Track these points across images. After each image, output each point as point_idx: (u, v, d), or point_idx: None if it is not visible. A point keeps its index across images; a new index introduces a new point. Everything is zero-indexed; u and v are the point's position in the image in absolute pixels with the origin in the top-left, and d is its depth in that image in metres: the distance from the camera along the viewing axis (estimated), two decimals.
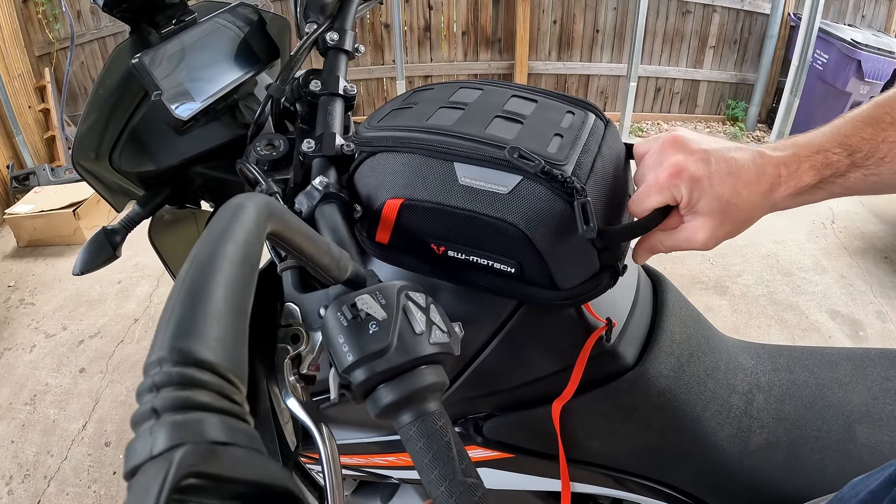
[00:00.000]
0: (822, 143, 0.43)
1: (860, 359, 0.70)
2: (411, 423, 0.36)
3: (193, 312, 0.22)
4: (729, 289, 2.16)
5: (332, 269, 0.37)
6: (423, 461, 0.36)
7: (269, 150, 0.58)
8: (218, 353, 0.22)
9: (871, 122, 0.42)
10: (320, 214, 0.47)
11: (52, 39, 3.13)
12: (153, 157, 0.68)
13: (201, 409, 0.20)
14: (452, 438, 0.37)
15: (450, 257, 0.47)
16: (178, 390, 0.20)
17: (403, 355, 0.36)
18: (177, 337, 0.21)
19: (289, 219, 0.31)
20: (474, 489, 0.35)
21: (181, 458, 0.18)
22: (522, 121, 0.48)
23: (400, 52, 3.30)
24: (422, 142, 0.46)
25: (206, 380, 0.21)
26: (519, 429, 0.60)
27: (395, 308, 0.37)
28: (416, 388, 0.36)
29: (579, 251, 0.45)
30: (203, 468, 0.18)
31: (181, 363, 0.21)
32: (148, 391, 0.20)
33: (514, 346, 0.54)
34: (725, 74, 3.65)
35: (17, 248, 2.56)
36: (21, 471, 1.57)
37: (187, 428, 0.19)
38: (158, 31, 0.62)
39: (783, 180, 0.42)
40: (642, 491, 0.63)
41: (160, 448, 0.18)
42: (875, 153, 0.41)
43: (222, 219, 0.27)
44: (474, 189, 0.44)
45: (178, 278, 0.24)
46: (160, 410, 0.20)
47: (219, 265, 0.24)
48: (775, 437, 0.60)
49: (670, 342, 0.59)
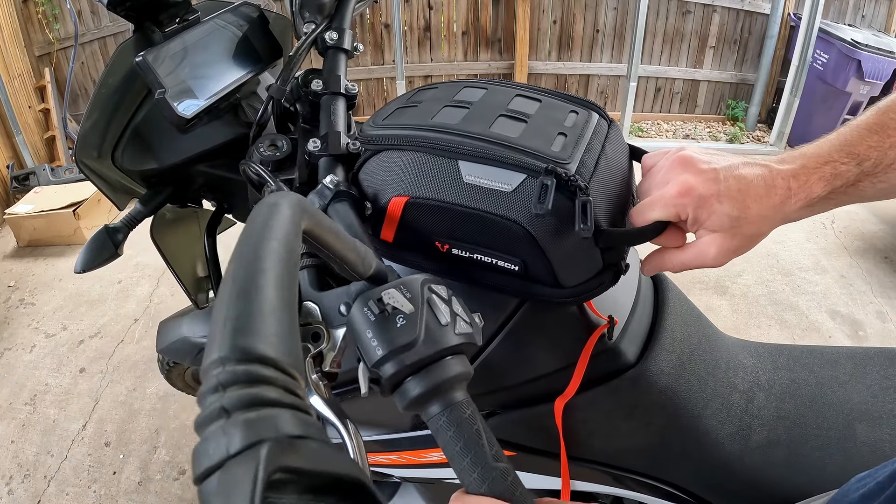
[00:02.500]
0: (830, 153, 0.43)
1: (860, 357, 0.70)
2: (440, 413, 0.37)
3: (248, 310, 0.22)
4: (729, 289, 2.16)
5: (357, 266, 0.37)
6: (454, 449, 0.36)
7: (273, 150, 0.58)
8: (278, 349, 0.22)
9: (876, 129, 0.42)
10: (334, 213, 0.47)
11: (52, 39, 3.13)
12: (156, 155, 0.68)
13: (272, 405, 0.20)
14: (481, 426, 0.37)
15: (454, 255, 0.47)
16: (246, 388, 0.20)
17: (431, 347, 0.36)
18: (236, 335, 0.21)
19: (320, 217, 0.32)
20: (506, 474, 0.36)
21: (268, 454, 0.18)
22: (527, 120, 0.49)
23: (400, 52, 3.30)
24: (427, 140, 0.46)
25: (270, 375, 0.21)
26: (521, 426, 0.60)
27: (421, 301, 0.37)
28: (444, 379, 0.37)
29: (582, 249, 0.46)
30: (287, 462, 0.18)
31: (244, 360, 0.21)
32: (212, 392, 0.20)
33: (516, 343, 0.54)
34: (725, 74, 3.66)
35: (17, 248, 2.55)
36: (21, 471, 1.57)
37: (264, 424, 0.19)
38: (162, 30, 0.63)
39: (793, 193, 0.43)
40: (643, 489, 0.63)
41: (238, 447, 0.18)
42: (883, 160, 0.42)
43: (260, 218, 0.27)
44: (478, 187, 0.44)
45: (225, 278, 0.24)
46: (230, 409, 0.19)
47: (266, 263, 0.24)
48: (776, 436, 0.61)
49: (671, 340, 0.60)
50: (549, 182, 0.42)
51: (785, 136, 3.37)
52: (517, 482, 0.37)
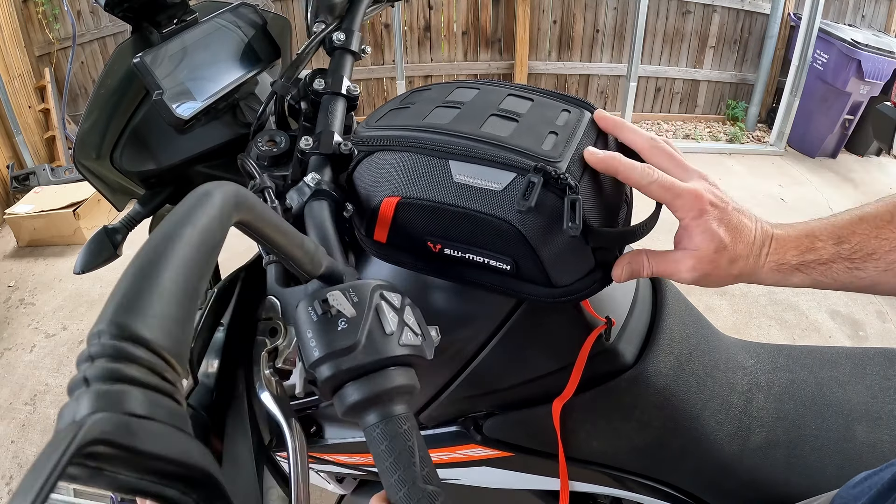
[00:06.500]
0: (815, 229, 0.45)
1: (859, 358, 0.70)
2: (376, 423, 0.36)
3: (138, 289, 0.23)
4: (729, 289, 2.16)
5: (304, 263, 0.36)
6: (384, 464, 0.35)
7: (271, 145, 0.58)
8: (155, 331, 0.22)
9: (869, 218, 0.43)
10: (308, 211, 0.47)
11: (52, 39, 3.13)
12: (154, 156, 0.68)
13: (127, 381, 0.21)
14: (416, 443, 0.36)
15: (446, 255, 0.47)
16: (110, 362, 0.21)
17: (371, 354, 0.35)
18: (118, 311, 0.22)
19: (260, 209, 0.31)
20: (433, 497, 0.35)
21: (91, 425, 0.19)
22: (518, 119, 0.48)
23: (400, 52, 3.30)
24: (418, 140, 0.46)
25: (137, 355, 0.21)
26: (519, 427, 0.60)
27: (367, 307, 0.37)
28: (383, 389, 0.36)
29: (573, 248, 0.46)
30: (114, 437, 0.19)
31: (117, 336, 0.21)
32: (84, 360, 0.21)
33: (513, 344, 0.54)
34: (725, 74, 3.66)
35: (17, 248, 2.56)
36: (21, 471, 1.57)
37: (109, 398, 0.20)
38: (160, 31, 0.63)
39: (770, 251, 0.45)
40: (641, 490, 0.63)
41: (81, 414, 0.19)
42: (864, 248, 0.43)
43: (186, 203, 0.27)
44: (469, 186, 0.44)
45: (133, 257, 0.24)
46: (90, 380, 0.20)
47: (172, 246, 0.24)
48: (775, 436, 0.61)
49: (670, 341, 0.59)
50: (536, 179, 0.41)
51: (785, 136, 3.37)
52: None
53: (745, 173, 3.14)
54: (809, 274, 0.44)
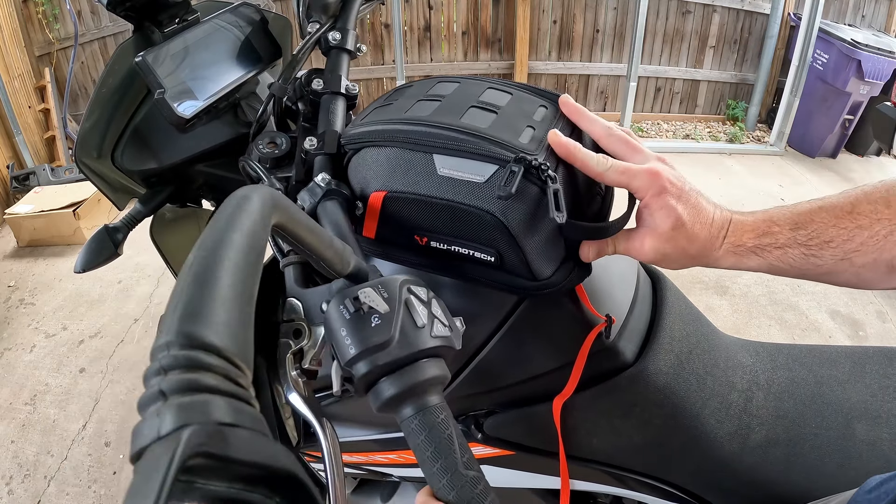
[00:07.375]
0: (773, 215, 0.46)
1: (859, 356, 0.70)
2: (413, 416, 0.37)
3: (200, 297, 0.23)
4: (729, 289, 2.16)
5: (335, 263, 0.37)
6: (424, 454, 0.36)
7: (272, 147, 0.59)
8: (224, 337, 0.22)
9: (829, 208, 0.44)
10: (322, 210, 0.47)
11: (52, 39, 3.13)
12: (155, 155, 0.68)
13: (208, 391, 0.20)
14: (454, 431, 0.37)
15: (433, 248, 0.48)
16: (185, 373, 0.21)
17: (405, 348, 0.36)
18: (184, 321, 0.22)
19: (293, 211, 0.32)
20: (475, 482, 0.36)
21: (188, 438, 0.18)
22: (497, 111, 0.49)
23: (400, 51, 3.30)
24: (401, 133, 0.47)
25: (211, 363, 0.21)
26: (519, 426, 0.60)
27: (398, 301, 0.37)
28: (418, 382, 0.36)
29: (550, 238, 0.47)
30: (210, 448, 0.19)
31: (188, 346, 0.21)
32: (155, 374, 0.21)
33: (514, 342, 0.55)
34: (725, 74, 3.66)
35: (17, 248, 2.56)
36: (21, 471, 1.57)
37: (194, 409, 0.19)
38: (161, 30, 0.63)
39: (728, 233, 0.45)
40: (641, 488, 0.63)
41: (167, 429, 0.19)
42: (821, 235, 0.43)
43: (228, 209, 0.27)
44: (452, 179, 0.45)
45: (185, 265, 0.24)
46: (167, 392, 0.20)
47: (224, 253, 0.24)
48: (774, 435, 0.61)
49: (670, 339, 0.60)
50: (517, 168, 0.42)
51: (785, 136, 3.37)
52: (487, 491, 0.37)
53: (745, 173, 3.14)
54: (765, 258, 0.45)
